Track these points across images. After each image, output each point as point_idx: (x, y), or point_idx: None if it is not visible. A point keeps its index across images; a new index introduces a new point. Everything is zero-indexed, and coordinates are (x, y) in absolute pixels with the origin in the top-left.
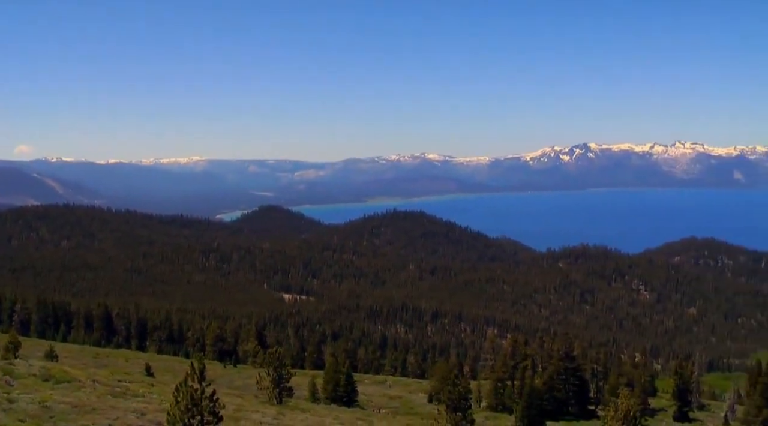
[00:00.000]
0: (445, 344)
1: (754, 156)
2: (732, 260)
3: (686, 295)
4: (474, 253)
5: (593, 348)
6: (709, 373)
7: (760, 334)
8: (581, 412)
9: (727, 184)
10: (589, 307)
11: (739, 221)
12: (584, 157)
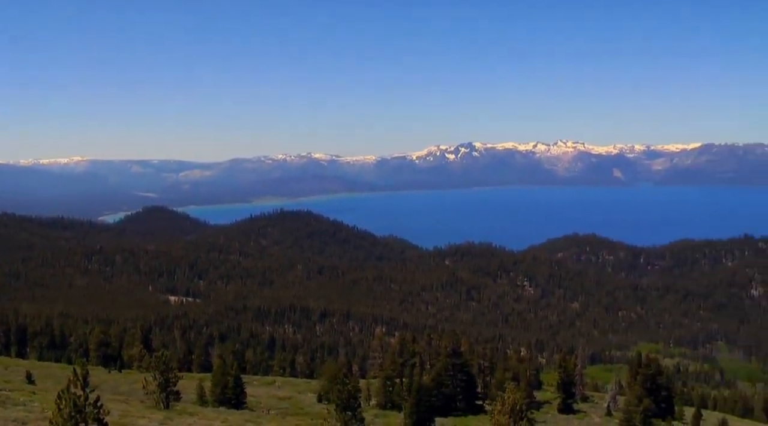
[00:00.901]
0: (334, 344)
1: (633, 154)
2: (612, 256)
3: (569, 290)
4: (361, 252)
5: (480, 344)
6: (591, 365)
7: (639, 326)
8: (469, 407)
9: (607, 181)
10: (476, 304)
11: (619, 218)
12: (469, 156)
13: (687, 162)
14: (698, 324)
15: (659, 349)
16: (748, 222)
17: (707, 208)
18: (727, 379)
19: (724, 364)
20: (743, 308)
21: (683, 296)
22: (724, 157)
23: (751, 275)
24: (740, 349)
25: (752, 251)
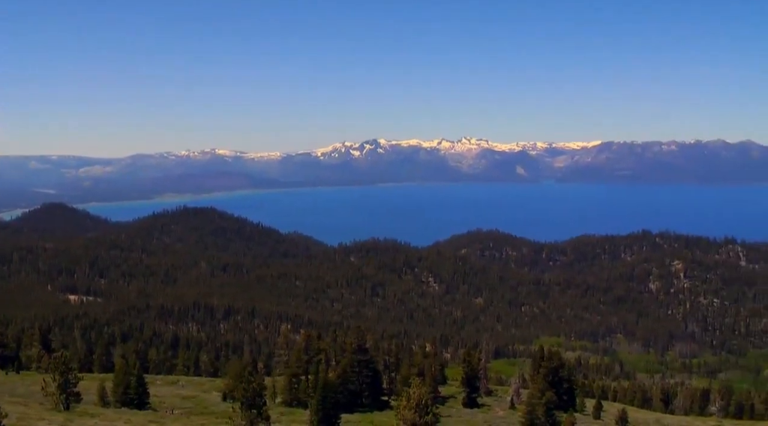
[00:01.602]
0: (239, 341)
1: (536, 152)
2: (515, 251)
3: (473, 285)
4: (266, 248)
5: (385, 340)
6: (495, 359)
7: (542, 320)
8: (375, 402)
9: (510, 178)
10: (381, 300)
11: (521, 214)
12: (374, 152)
13: (587, 159)
14: (598, 317)
15: (561, 342)
16: (646, 218)
17: (607, 204)
18: (626, 370)
19: (624, 356)
20: (641, 302)
21: (584, 290)
22: (623, 154)
23: (648, 269)
24: (639, 342)
25: (650, 246)
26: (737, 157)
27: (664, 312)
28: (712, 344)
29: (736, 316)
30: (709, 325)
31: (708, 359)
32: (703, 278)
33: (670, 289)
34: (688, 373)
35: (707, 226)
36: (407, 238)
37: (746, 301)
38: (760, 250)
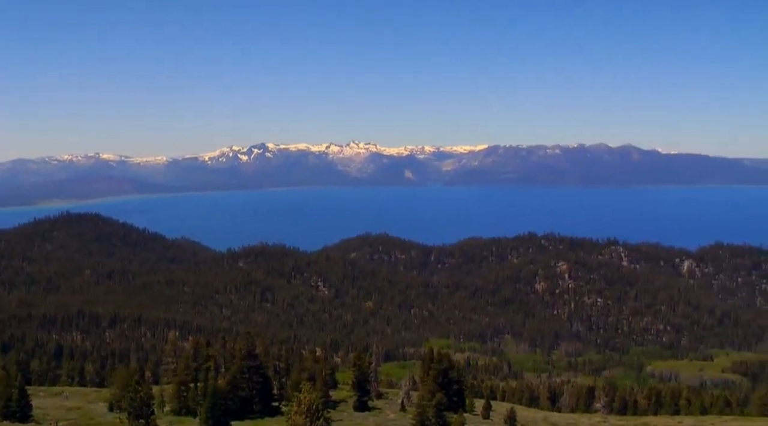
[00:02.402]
0: (125, 350)
1: (423, 156)
2: (405, 254)
3: (363, 289)
4: (152, 254)
5: (275, 345)
6: (386, 362)
7: (431, 322)
8: (266, 409)
9: (398, 182)
10: (270, 305)
11: (410, 217)
12: (262, 156)
13: (474, 163)
14: (486, 319)
15: (450, 344)
16: (532, 220)
17: (494, 207)
18: (514, 370)
19: (512, 356)
20: (528, 302)
21: (472, 292)
22: (509, 158)
23: (534, 271)
24: (526, 342)
25: (536, 248)
26: (618, 161)
27: (550, 312)
28: (596, 343)
29: (619, 315)
30: (593, 324)
31: (592, 357)
32: (587, 279)
33: (556, 290)
34: (574, 371)
35: (590, 228)
36: (296, 243)
37: (628, 300)
38: (640, 250)
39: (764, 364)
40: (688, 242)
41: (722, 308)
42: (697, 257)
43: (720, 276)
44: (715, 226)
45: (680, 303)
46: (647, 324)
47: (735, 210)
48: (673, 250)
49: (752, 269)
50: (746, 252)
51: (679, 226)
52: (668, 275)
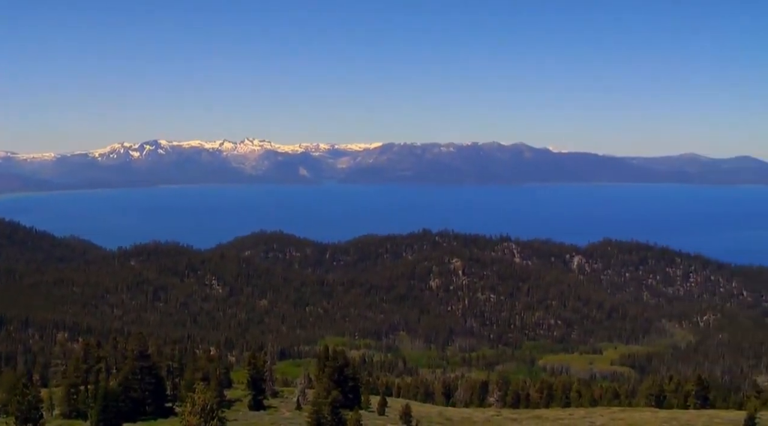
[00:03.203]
0: (12, 352)
1: (318, 153)
2: (299, 252)
3: (257, 287)
4: (40, 254)
5: (168, 345)
6: (281, 361)
7: (326, 320)
8: (159, 410)
9: (293, 180)
10: (163, 305)
11: (304, 215)
12: (155, 153)
13: (369, 160)
14: (382, 316)
15: (346, 341)
16: (427, 217)
17: (389, 204)
18: (409, 366)
19: (407, 352)
20: (423, 299)
21: (367, 290)
22: (403, 156)
23: (429, 268)
24: (421, 338)
25: (430, 245)
26: (511, 159)
27: (445, 308)
28: (489, 338)
29: (512, 310)
30: (486, 320)
31: (486, 352)
32: (480, 275)
33: (450, 286)
34: (468, 366)
35: (484, 225)
36: (189, 241)
37: (520, 295)
38: (532, 246)
39: (651, 356)
40: (577, 239)
41: (611, 302)
42: (587, 253)
43: (608, 271)
44: (604, 222)
45: (570, 298)
46: (539, 319)
47: (622, 207)
48: (564, 247)
49: (639, 264)
50: (633, 248)
51: (569, 223)
52: (559, 271)
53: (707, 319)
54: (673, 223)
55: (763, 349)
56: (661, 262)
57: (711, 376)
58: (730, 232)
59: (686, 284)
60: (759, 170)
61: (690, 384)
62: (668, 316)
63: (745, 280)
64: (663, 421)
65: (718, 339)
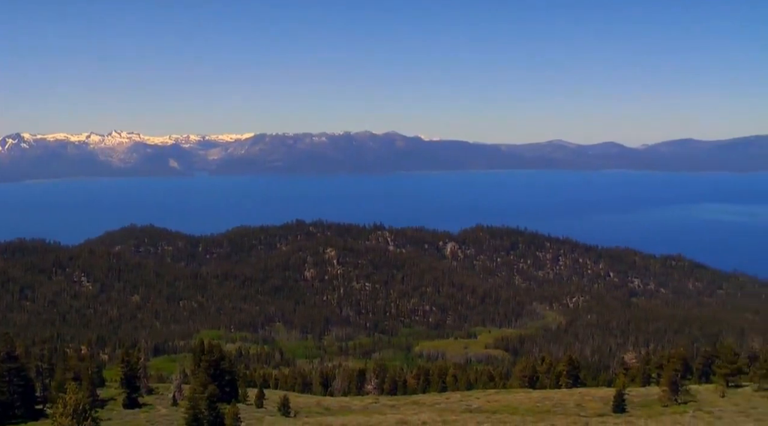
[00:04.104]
0: None
1: (189, 145)
2: (172, 246)
3: (129, 282)
4: None
5: (37, 345)
6: (155, 357)
7: (201, 314)
8: (29, 413)
9: (164, 172)
10: (30, 304)
11: (176, 208)
12: (17, 147)
13: (241, 152)
14: (257, 307)
15: (221, 334)
16: (300, 207)
17: (262, 195)
18: (286, 357)
19: (283, 344)
20: (298, 289)
21: (242, 282)
22: (276, 146)
23: (303, 258)
24: (297, 329)
25: (304, 235)
26: (383, 148)
27: (320, 298)
28: (366, 326)
29: (387, 298)
30: (362, 309)
31: (363, 341)
32: (355, 264)
33: (325, 276)
34: (345, 355)
35: (357, 214)
36: (56, 237)
37: (395, 283)
38: (405, 234)
39: (523, 338)
40: (450, 225)
41: (484, 287)
42: (459, 239)
43: (481, 257)
44: (476, 209)
45: (444, 284)
46: (414, 306)
47: (493, 193)
48: (437, 234)
49: (510, 249)
50: (504, 233)
51: (441, 210)
52: (432, 258)
53: (576, 300)
54: (543, 208)
55: (630, 328)
56: (531, 247)
57: (581, 356)
58: (596, 216)
59: (556, 267)
60: (623, 155)
61: (561, 364)
62: (539, 298)
63: (612, 262)
64: (536, 401)
65: (587, 319)
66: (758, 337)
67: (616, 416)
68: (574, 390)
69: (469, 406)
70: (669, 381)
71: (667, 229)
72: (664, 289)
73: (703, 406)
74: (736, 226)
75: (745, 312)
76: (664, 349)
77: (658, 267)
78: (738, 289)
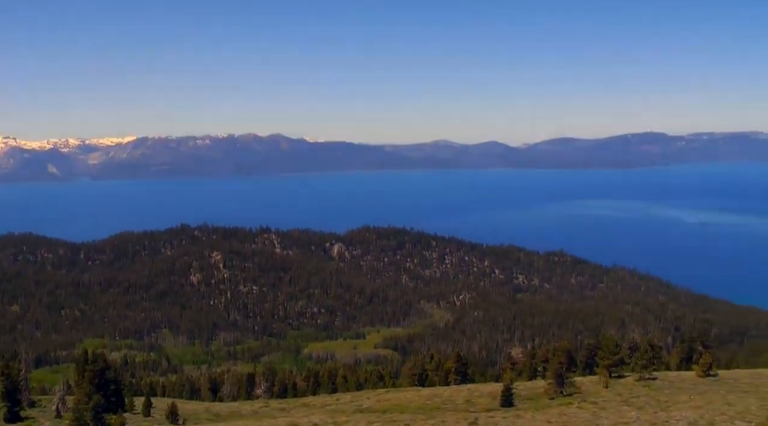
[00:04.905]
0: None
1: (68, 149)
2: (51, 253)
3: (7, 292)
4: None
5: None
6: (37, 368)
7: (84, 323)
8: None
9: (42, 177)
10: None
11: (56, 214)
12: None
13: (123, 155)
14: (142, 314)
15: (106, 343)
16: (184, 211)
17: (145, 200)
18: (173, 364)
19: (170, 350)
20: (184, 295)
21: (126, 288)
22: (158, 150)
23: (189, 263)
24: (184, 335)
25: (189, 239)
26: (268, 150)
27: (207, 303)
28: (254, 330)
29: (275, 301)
30: (250, 312)
31: (251, 345)
32: (241, 267)
33: (211, 280)
34: (234, 360)
35: (243, 217)
36: None
37: (283, 286)
38: (292, 236)
39: (412, 337)
40: (337, 226)
41: (371, 288)
42: (346, 240)
43: (368, 257)
44: (362, 209)
45: (332, 285)
46: (302, 308)
47: (380, 194)
48: (324, 235)
49: (397, 249)
50: (391, 233)
51: (328, 212)
52: (320, 259)
53: (463, 298)
54: (428, 208)
55: (515, 324)
56: (418, 246)
57: (469, 353)
58: (481, 214)
59: (442, 266)
60: (505, 154)
61: (450, 361)
62: (426, 297)
63: (496, 259)
64: (426, 398)
65: (474, 316)
66: (638, 328)
67: (505, 410)
68: (463, 386)
69: (359, 406)
70: (554, 374)
71: (549, 225)
72: (547, 284)
73: (588, 397)
74: (615, 221)
75: (625, 304)
76: (549, 343)
77: (542, 263)
78: (618, 283)
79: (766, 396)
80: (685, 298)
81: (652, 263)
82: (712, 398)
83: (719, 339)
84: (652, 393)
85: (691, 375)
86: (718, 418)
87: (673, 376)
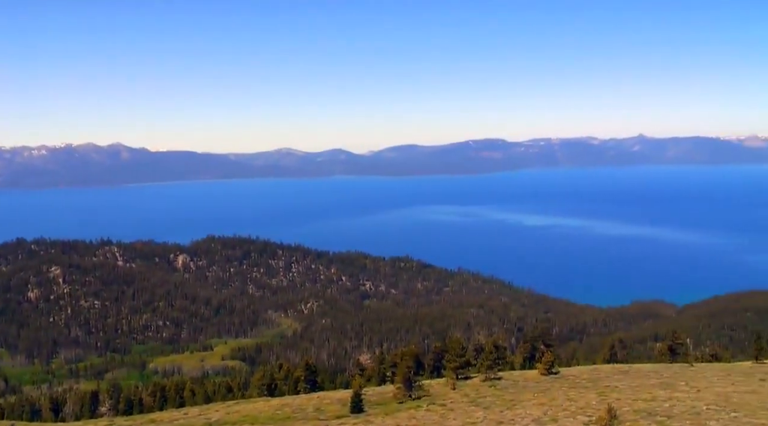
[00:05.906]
0: None
1: None
2: None
3: None
4: None
5: None
6: None
7: None
8: None
9: None
10: None
11: None
12: None
13: None
14: None
15: None
16: (20, 225)
17: None
18: (12, 385)
19: (8, 370)
20: (21, 312)
21: None
22: None
23: (26, 278)
24: (22, 354)
25: (26, 254)
26: (108, 160)
27: (46, 319)
28: (96, 346)
29: (118, 315)
30: (92, 328)
31: (94, 361)
32: (82, 281)
33: (51, 296)
34: (76, 377)
35: (83, 230)
36: None
37: (126, 299)
38: (135, 248)
39: (260, 347)
40: (181, 237)
41: (218, 298)
42: (191, 251)
43: (213, 267)
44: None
45: (177, 297)
46: (147, 321)
47: (224, 203)
48: (167, 246)
49: (242, 259)
50: (236, 243)
51: (171, 222)
52: (164, 271)
53: (311, 306)
54: (273, 216)
55: (364, 330)
56: (264, 255)
57: (318, 360)
58: (326, 222)
59: (289, 274)
60: (350, 162)
61: (299, 370)
62: (274, 306)
63: (343, 266)
64: (276, 408)
65: (322, 324)
66: (483, 329)
67: (355, 417)
68: (313, 394)
69: (208, 419)
70: (403, 378)
71: (394, 231)
72: (394, 290)
73: (436, 399)
74: (458, 226)
75: (470, 307)
76: (397, 347)
77: (388, 269)
78: (463, 286)
79: (605, 391)
80: (527, 299)
81: (494, 266)
82: (554, 395)
83: (560, 337)
84: (497, 392)
85: (535, 373)
86: (561, 413)
87: (518, 375)
